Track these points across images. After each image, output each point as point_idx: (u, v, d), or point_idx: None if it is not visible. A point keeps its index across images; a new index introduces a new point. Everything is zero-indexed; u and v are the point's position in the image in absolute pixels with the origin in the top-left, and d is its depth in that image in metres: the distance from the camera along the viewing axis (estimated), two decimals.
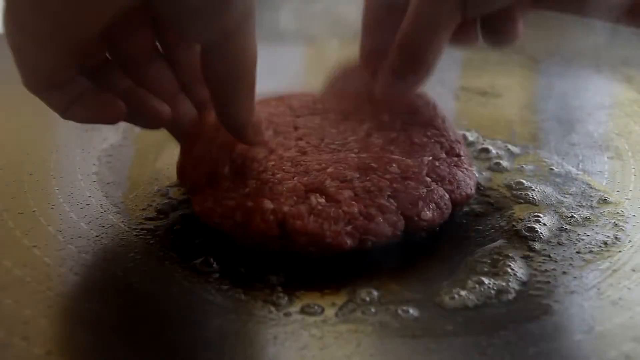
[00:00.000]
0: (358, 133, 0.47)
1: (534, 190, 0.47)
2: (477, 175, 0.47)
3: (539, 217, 0.44)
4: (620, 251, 0.41)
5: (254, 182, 0.42)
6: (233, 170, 0.43)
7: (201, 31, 0.36)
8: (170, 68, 0.43)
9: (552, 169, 0.50)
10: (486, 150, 0.53)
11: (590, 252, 0.41)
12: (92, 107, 0.39)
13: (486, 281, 0.39)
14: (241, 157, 0.44)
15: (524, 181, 0.48)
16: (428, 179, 0.43)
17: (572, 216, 0.44)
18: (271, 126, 0.48)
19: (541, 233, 0.43)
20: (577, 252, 0.41)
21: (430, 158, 0.44)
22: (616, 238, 0.42)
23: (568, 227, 0.43)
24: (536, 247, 0.41)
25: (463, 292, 0.38)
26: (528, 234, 0.43)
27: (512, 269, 0.39)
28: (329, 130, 0.48)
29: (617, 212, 0.45)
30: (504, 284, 0.38)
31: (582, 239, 0.42)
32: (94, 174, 0.49)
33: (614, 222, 0.44)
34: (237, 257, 0.40)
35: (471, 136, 0.55)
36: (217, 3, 0.35)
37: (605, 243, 0.42)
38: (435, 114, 0.49)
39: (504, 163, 0.51)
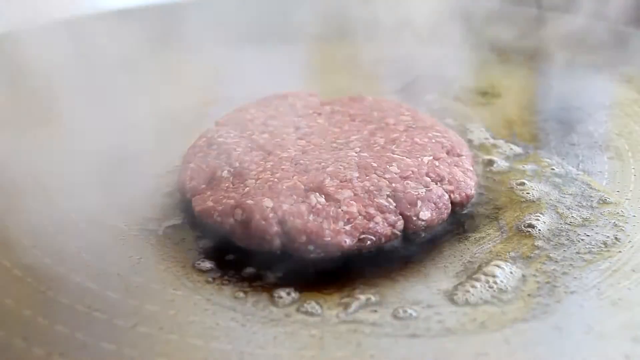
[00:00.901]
0: (362, 132, 0.48)
1: (534, 190, 0.47)
2: (477, 175, 0.47)
3: (539, 217, 0.44)
4: (620, 251, 0.41)
5: (254, 182, 0.42)
6: (232, 173, 0.44)
7: None
8: None
9: (552, 169, 0.50)
10: (487, 151, 0.53)
11: (590, 252, 0.41)
12: None
13: (486, 281, 0.39)
14: (239, 161, 0.44)
15: (524, 181, 0.48)
16: (427, 179, 0.43)
17: (572, 216, 0.44)
18: (267, 130, 0.48)
19: (541, 233, 0.43)
20: (577, 253, 0.41)
21: (431, 158, 0.44)
22: (616, 238, 0.42)
23: (568, 227, 0.43)
24: (536, 247, 0.41)
25: (463, 292, 0.38)
26: (528, 234, 0.43)
27: (512, 269, 0.39)
28: (332, 129, 0.48)
29: (617, 213, 0.45)
30: (504, 283, 0.38)
31: (582, 239, 0.42)
32: (94, 174, 0.49)
33: (614, 223, 0.44)
34: (237, 257, 0.40)
35: (471, 136, 0.55)
36: None
37: (605, 243, 0.42)
38: (437, 124, 0.49)
39: (505, 163, 0.50)
